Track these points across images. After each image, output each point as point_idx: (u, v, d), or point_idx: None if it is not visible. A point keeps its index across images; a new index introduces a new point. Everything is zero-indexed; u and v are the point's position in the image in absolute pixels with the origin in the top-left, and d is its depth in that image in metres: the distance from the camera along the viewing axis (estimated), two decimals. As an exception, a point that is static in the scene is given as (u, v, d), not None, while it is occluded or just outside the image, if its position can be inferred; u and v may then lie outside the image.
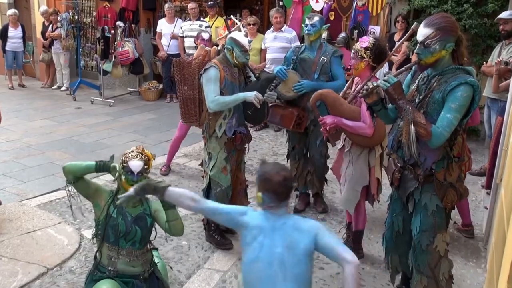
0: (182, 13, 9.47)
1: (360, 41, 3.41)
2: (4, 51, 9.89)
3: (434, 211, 2.72)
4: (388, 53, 3.52)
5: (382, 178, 3.55)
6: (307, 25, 4.18)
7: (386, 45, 3.67)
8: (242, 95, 3.63)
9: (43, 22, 9.90)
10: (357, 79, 3.54)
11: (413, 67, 2.81)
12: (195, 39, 5.13)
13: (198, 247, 3.89)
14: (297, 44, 5.78)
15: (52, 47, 9.71)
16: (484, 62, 5.69)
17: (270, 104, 3.98)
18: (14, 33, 9.81)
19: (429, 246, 2.76)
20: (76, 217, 4.05)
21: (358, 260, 2.09)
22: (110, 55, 8.71)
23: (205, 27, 7.26)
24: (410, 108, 2.57)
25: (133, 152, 2.69)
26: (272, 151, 6.33)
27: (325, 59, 4.16)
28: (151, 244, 2.87)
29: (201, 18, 8.06)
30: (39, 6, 10.26)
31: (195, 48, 4.95)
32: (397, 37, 6.70)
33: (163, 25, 8.68)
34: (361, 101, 3.20)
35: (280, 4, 7.87)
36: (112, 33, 8.70)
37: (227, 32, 5.88)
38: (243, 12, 9.09)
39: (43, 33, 9.86)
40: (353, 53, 3.42)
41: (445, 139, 2.57)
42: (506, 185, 3.09)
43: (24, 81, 10.41)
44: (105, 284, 2.65)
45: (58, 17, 9.35)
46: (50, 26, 9.66)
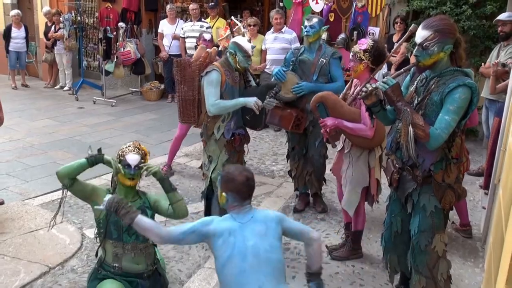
0: (183, 14, 9.50)
1: (358, 43, 3.42)
2: (8, 51, 9.94)
3: (432, 212, 2.74)
4: (386, 55, 3.53)
5: (381, 179, 3.58)
6: (306, 26, 4.18)
7: (384, 46, 3.68)
8: (242, 101, 3.65)
9: (46, 22, 9.95)
10: (356, 81, 3.55)
11: (412, 69, 2.82)
12: (197, 40, 5.17)
13: (198, 246, 3.90)
14: (297, 45, 5.80)
15: (54, 47, 9.76)
16: (483, 63, 5.69)
17: None
18: (17, 34, 9.85)
19: (428, 246, 2.77)
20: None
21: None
22: (112, 56, 8.76)
23: (206, 28, 7.30)
24: (408, 109, 2.58)
25: (129, 146, 2.74)
26: (272, 151, 6.36)
27: (324, 61, 4.16)
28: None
29: (202, 19, 8.10)
30: (42, 7, 10.31)
31: (196, 48, 5.00)
32: (396, 38, 6.71)
33: (164, 26, 8.71)
34: (361, 102, 3.22)
35: (280, 5, 7.88)
36: (114, 33, 8.75)
37: (228, 32, 5.93)
38: (244, 13, 9.09)
39: (46, 33, 9.90)
40: (352, 55, 3.43)
41: (443, 141, 2.57)
42: (504, 186, 3.10)
43: (27, 81, 10.47)
44: (110, 284, 2.69)
45: (61, 18, 9.42)
46: (53, 26, 9.71)
